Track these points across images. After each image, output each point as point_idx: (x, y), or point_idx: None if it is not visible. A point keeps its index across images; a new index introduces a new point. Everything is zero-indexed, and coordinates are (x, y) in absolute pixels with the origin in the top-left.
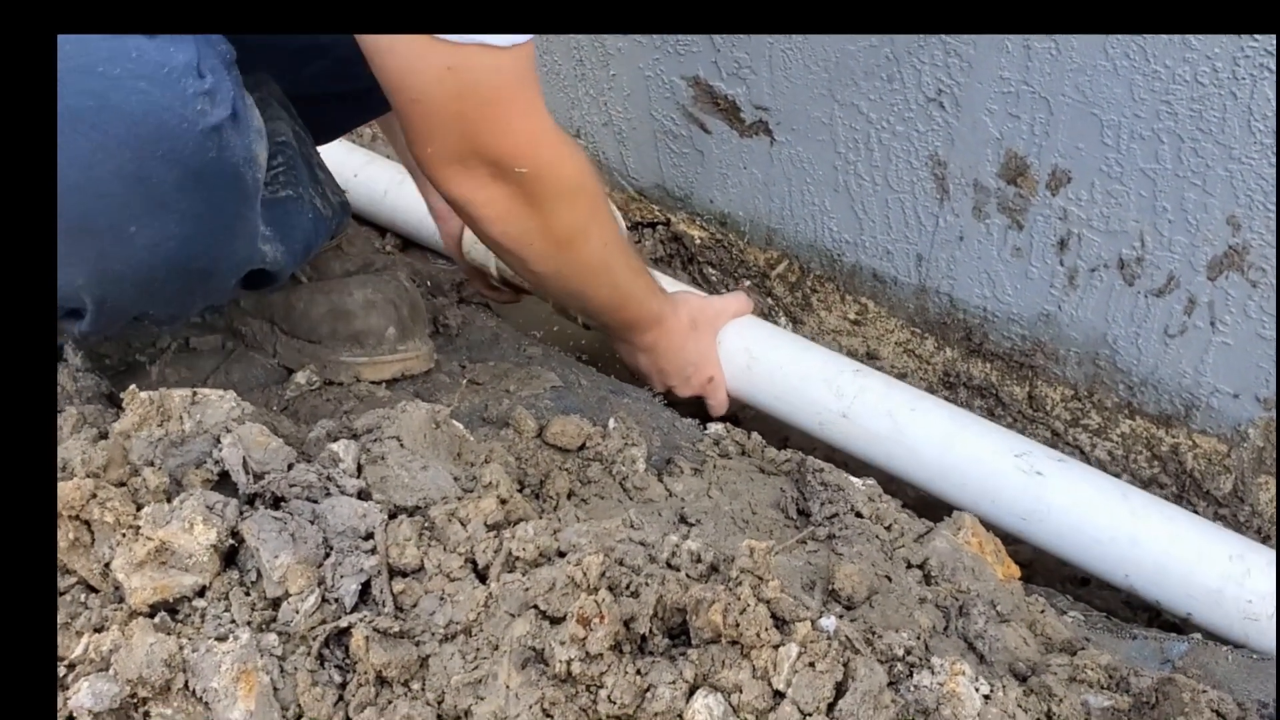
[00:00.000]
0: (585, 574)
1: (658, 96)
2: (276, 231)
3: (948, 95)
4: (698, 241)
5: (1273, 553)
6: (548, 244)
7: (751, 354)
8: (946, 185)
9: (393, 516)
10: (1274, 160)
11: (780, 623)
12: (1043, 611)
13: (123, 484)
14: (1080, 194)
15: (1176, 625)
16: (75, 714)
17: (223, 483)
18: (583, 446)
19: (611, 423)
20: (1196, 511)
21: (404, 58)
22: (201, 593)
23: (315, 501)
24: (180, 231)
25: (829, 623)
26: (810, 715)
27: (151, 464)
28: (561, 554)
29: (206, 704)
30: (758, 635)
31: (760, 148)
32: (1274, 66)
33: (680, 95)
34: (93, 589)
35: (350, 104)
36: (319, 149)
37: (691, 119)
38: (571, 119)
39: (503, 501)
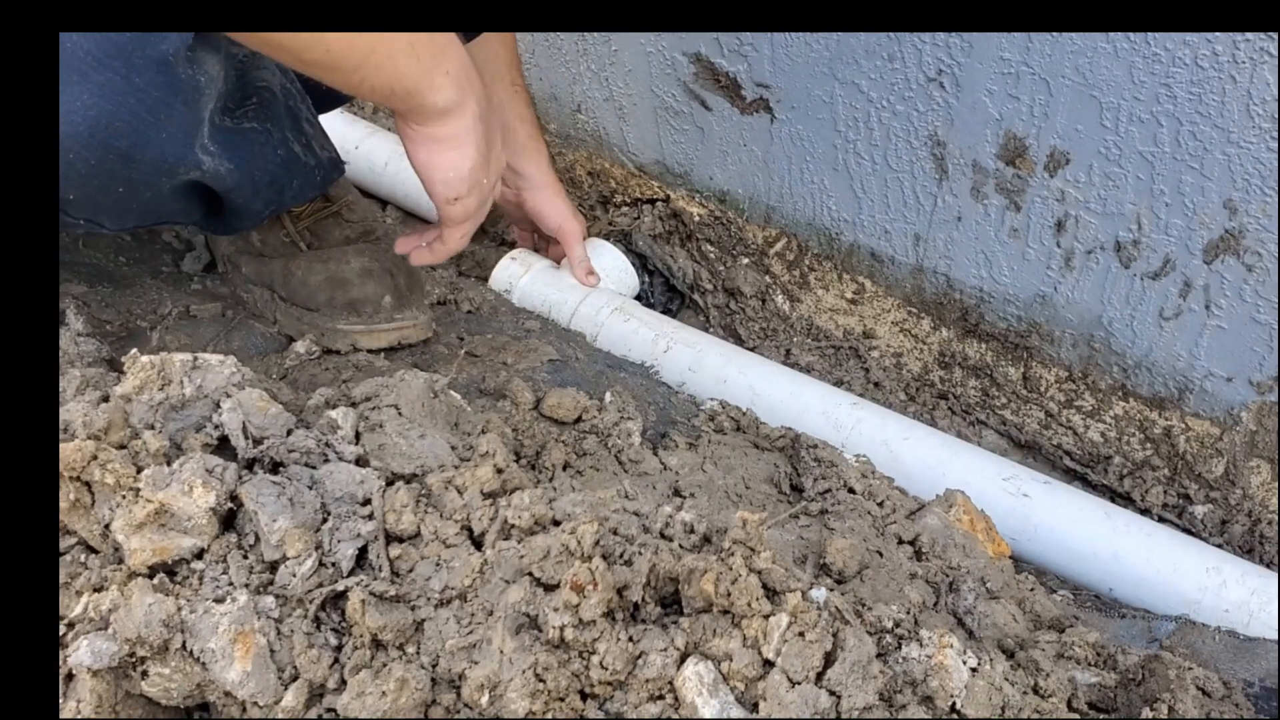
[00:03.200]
0: (580, 542)
1: (659, 73)
2: (226, 152)
3: (948, 75)
4: (696, 218)
5: (1246, 564)
6: None
7: (755, 390)
8: (945, 165)
9: (390, 483)
10: (1272, 145)
11: (771, 593)
12: (1032, 589)
13: (123, 446)
14: (1078, 176)
15: None
16: (75, 671)
17: (222, 447)
18: (579, 419)
19: (608, 396)
20: (1189, 495)
21: None
22: (200, 555)
23: (314, 467)
24: (96, 104)
25: (819, 594)
26: (799, 684)
27: (152, 427)
28: (556, 523)
29: (204, 664)
30: (749, 605)
31: (760, 125)
32: (1274, 51)
33: (681, 72)
34: (93, 549)
35: None
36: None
37: (692, 95)
38: (572, 94)
39: (499, 470)
